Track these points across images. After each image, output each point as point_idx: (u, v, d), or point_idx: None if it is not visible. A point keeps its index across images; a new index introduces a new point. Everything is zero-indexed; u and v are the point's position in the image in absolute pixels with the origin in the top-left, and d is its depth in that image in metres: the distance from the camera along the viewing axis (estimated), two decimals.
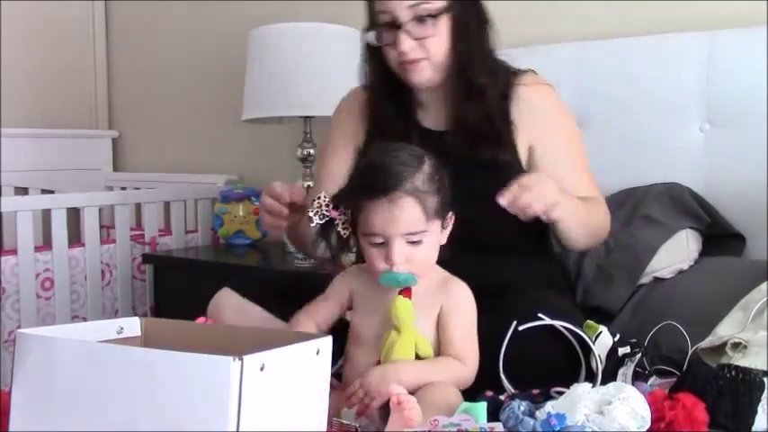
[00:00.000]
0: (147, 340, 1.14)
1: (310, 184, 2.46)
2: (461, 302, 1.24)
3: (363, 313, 1.27)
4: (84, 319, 2.51)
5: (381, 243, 1.20)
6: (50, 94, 3.26)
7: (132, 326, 1.15)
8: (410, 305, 1.19)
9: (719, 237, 1.87)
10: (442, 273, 1.28)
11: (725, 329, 1.29)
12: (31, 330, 1.00)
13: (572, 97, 2.10)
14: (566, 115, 1.58)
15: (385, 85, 1.56)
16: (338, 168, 1.57)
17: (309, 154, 2.47)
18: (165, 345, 0.99)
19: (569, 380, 1.26)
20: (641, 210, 1.82)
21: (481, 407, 1.07)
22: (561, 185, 1.39)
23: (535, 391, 1.20)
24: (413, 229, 1.19)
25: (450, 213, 1.25)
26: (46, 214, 2.55)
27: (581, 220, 1.45)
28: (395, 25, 1.45)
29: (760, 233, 1.84)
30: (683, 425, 1.00)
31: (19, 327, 2.35)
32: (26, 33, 3.17)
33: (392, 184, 1.17)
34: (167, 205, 2.84)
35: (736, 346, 1.21)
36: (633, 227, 1.79)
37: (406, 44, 1.45)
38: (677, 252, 1.79)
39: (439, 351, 1.22)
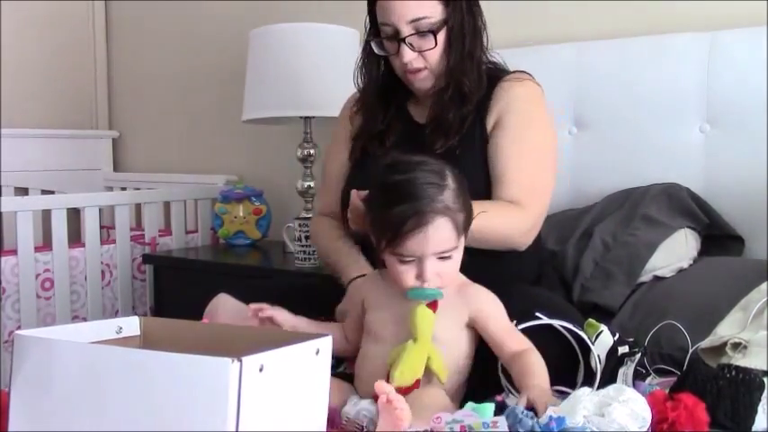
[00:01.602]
0: (146, 340, 1.14)
1: (311, 184, 2.47)
2: (490, 303, 1.25)
3: (377, 311, 1.28)
4: (85, 319, 2.51)
5: (411, 260, 1.19)
6: (50, 94, 3.26)
7: (131, 325, 1.15)
8: (433, 317, 1.19)
9: (718, 238, 1.87)
10: (459, 278, 1.28)
11: (725, 329, 1.29)
12: (29, 332, 1.00)
13: (571, 97, 2.10)
14: (537, 109, 1.57)
15: (382, 84, 1.62)
16: (342, 171, 1.67)
17: (309, 154, 2.47)
18: (164, 344, 0.99)
19: (568, 379, 1.27)
20: (640, 209, 1.82)
21: (488, 407, 1.07)
22: (497, 170, 1.50)
23: None
24: (445, 247, 1.18)
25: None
26: (46, 214, 2.56)
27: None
28: (397, 38, 1.51)
29: (759, 233, 1.84)
30: (685, 425, 1.00)
31: (19, 327, 2.35)
32: (26, 33, 3.17)
33: (422, 207, 1.15)
34: (167, 205, 2.84)
35: (736, 346, 1.21)
36: (632, 226, 1.79)
37: (408, 56, 1.51)
38: (677, 250, 1.79)
39: (472, 362, 1.25)
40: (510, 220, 1.48)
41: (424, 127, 1.58)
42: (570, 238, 1.84)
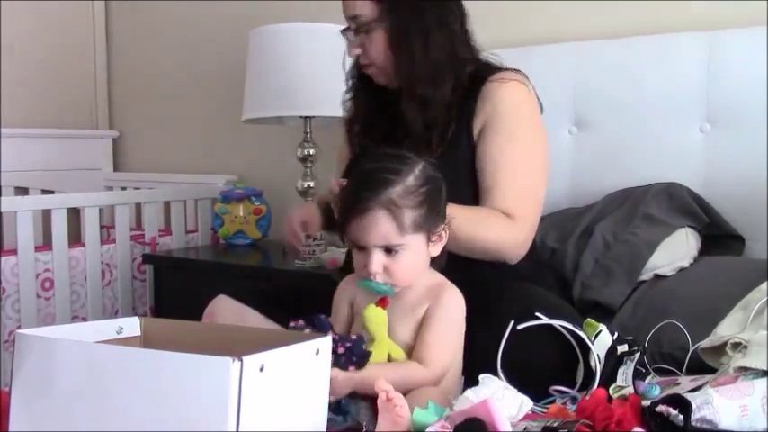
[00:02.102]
0: (146, 340, 1.14)
1: (311, 184, 2.47)
2: (446, 307, 1.22)
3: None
4: (84, 319, 2.52)
5: (363, 247, 1.20)
6: (50, 94, 3.26)
7: (132, 326, 1.15)
8: (383, 315, 1.19)
9: (719, 237, 1.87)
10: (436, 278, 1.26)
11: (725, 329, 1.29)
12: (30, 331, 1.00)
13: (571, 97, 2.10)
14: (525, 113, 1.53)
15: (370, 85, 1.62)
16: None
17: (309, 154, 2.47)
18: (164, 345, 0.99)
19: (568, 379, 1.27)
20: (641, 209, 1.82)
21: (430, 413, 1.07)
22: (486, 180, 1.47)
23: None
24: (385, 242, 1.18)
25: (444, 226, 1.24)
26: (46, 214, 2.56)
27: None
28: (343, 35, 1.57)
29: (760, 233, 1.84)
30: (632, 421, 1.01)
31: (19, 327, 2.35)
32: (26, 33, 3.17)
33: (365, 197, 1.17)
34: (167, 205, 2.84)
35: (736, 345, 1.21)
36: (633, 225, 1.79)
37: (352, 52, 1.56)
38: (678, 249, 1.79)
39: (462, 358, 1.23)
40: (503, 234, 1.46)
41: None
42: (570, 236, 1.84)
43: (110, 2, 3.43)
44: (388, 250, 1.18)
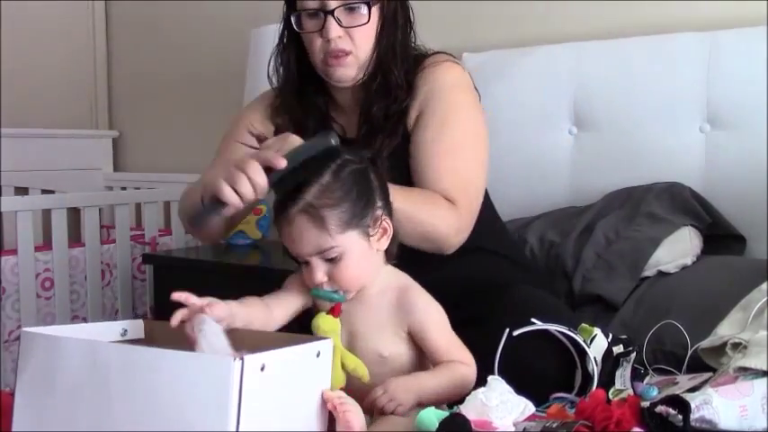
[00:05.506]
0: (150, 343, 1.13)
1: None
2: (427, 313, 1.16)
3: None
4: (84, 319, 2.52)
5: (304, 262, 1.14)
6: (50, 94, 3.26)
7: (136, 328, 1.15)
8: (335, 324, 1.12)
9: (720, 237, 1.87)
10: (399, 280, 1.19)
11: (725, 329, 1.29)
12: (35, 329, 1.01)
13: (571, 98, 2.10)
14: (459, 96, 1.47)
15: (299, 83, 1.51)
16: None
17: None
18: (168, 347, 0.99)
19: (566, 386, 1.26)
20: (643, 207, 1.81)
21: (430, 415, 1.06)
22: (421, 169, 1.39)
23: None
24: (317, 248, 1.11)
25: (382, 218, 1.15)
26: (46, 214, 2.56)
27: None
28: (323, 11, 1.39)
29: (760, 233, 1.84)
30: (631, 422, 1.01)
31: (19, 327, 2.35)
32: (26, 33, 3.17)
33: (284, 204, 1.11)
34: (167, 205, 2.84)
35: (736, 346, 1.21)
36: (635, 223, 1.79)
37: (335, 31, 1.39)
38: (680, 247, 1.78)
39: (419, 367, 1.18)
40: (439, 213, 1.36)
41: (350, 141, 1.46)
42: (570, 233, 1.83)
43: (110, 2, 3.43)
44: (327, 258, 1.11)
